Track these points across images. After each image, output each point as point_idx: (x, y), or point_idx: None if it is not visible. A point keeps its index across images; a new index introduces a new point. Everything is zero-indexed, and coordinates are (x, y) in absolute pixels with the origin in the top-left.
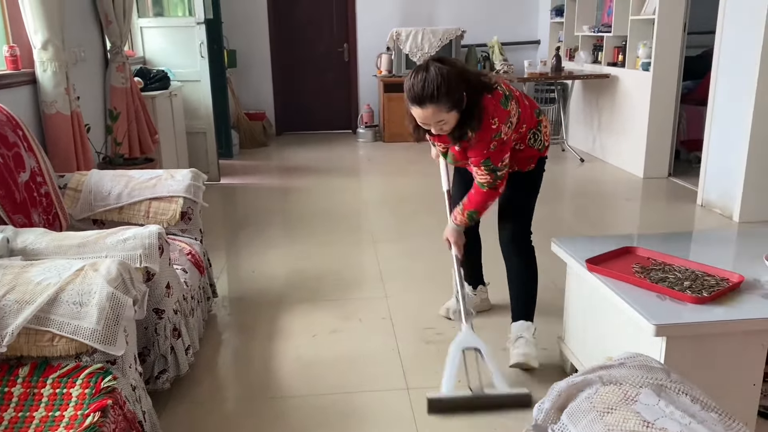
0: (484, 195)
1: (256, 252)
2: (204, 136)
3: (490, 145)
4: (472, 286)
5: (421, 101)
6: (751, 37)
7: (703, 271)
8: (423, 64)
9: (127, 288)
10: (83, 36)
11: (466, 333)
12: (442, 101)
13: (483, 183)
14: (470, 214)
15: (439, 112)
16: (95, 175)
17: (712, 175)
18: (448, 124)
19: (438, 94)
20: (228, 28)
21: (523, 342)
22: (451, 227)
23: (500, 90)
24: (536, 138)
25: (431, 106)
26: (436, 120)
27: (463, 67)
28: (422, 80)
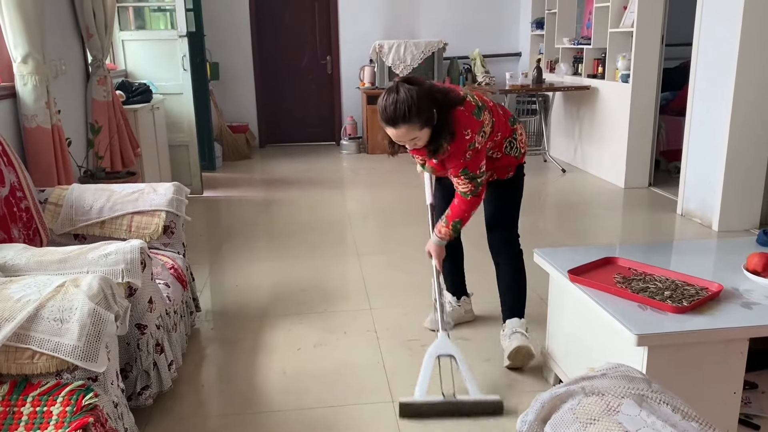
0: (467, 203)
1: (239, 265)
2: (186, 149)
3: (466, 155)
4: (456, 296)
5: (393, 122)
6: (727, 50)
7: (683, 280)
8: (393, 85)
9: (109, 304)
10: (64, 49)
11: (442, 340)
12: (413, 120)
13: (465, 192)
14: (455, 224)
15: (412, 131)
16: (76, 190)
17: (692, 185)
18: (421, 140)
19: (409, 114)
20: (210, 40)
21: (519, 335)
22: (434, 241)
23: (472, 101)
24: (512, 146)
25: (404, 126)
26: (410, 138)
27: (431, 86)
28: (393, 102)
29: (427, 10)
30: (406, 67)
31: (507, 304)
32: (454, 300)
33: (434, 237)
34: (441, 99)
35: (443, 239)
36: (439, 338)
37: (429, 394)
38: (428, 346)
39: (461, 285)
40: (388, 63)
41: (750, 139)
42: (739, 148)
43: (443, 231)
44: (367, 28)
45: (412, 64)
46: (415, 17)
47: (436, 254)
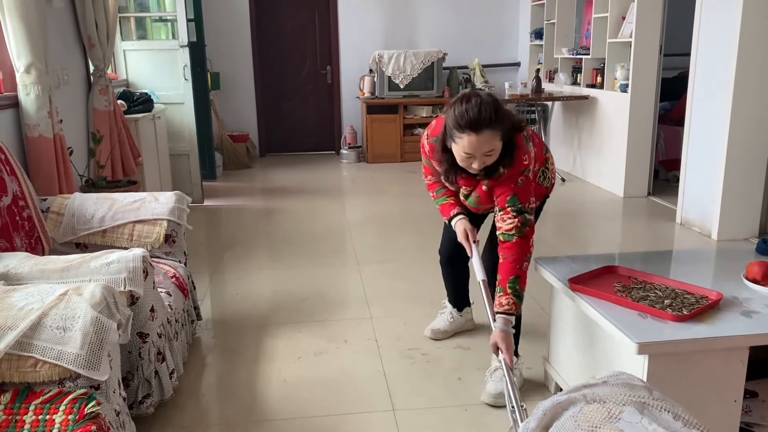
0: (514, 250)
1: (240, 274)
2: (187, 158)
3: (518, 180)
4: (457, 308)
5: (477, 126)
6: (725, 59)
7: (682, 289)
8: (467, 93)
9: (112, 312)
10: (66, 59)
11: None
12: (497, 126)
13: (511, 231)
14: (513, 287)
15: (493, 139)
16: (78, 198)
17: (691, 194)
18: (495, 154)
19: (495, 117)
20: (211, 50)
21: (500, 376)
22: (499, 327)
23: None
24: (545, 176)
25: (487, 132)
26: (488, 149)
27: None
28: (477, 104)
29: (427, 21)
30: (405, 77)
31: None
32: (455, 311)
33: (499, 322)
34: (511, 116)
35: (509, 313)
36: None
37: None
38: (429, 354)
39: (465, 297)
40: (387, 73)
41: (748, 149)
42: (738, 158)
43: (503, 301)
44: (367, 38)
45: (411, 74)
46: (414, 27)
47: (506, 347)
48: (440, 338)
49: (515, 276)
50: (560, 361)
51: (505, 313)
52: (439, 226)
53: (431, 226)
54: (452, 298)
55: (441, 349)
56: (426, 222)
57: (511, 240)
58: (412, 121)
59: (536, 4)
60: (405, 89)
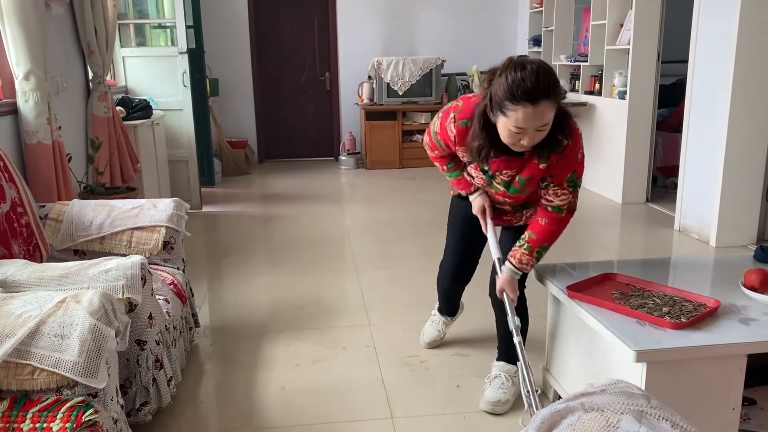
0: (560, 222)
1: (238, 280)
2: (186, 165)
3: (578, 154)
4: (450, 315)
5: (535, 97)
6: (722, 66)
7: (681, 296)
8: (516, 59)
9: (110, 319)
10: (65, 66)
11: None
12: (554, 96)
13: (561, 206)
14: (541, 251)
15: (550, 111)
16: (76, 205)
17: (689, 201)
18: (547, 128)
19: (554, 86)
20: (210, 57)
21: (498, 383)
22: (508, 272)
23: None
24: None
25: (545, 103)
26: (542, 123)
27: None
28: (534, 72)
29: (425, 27)
30: (404, 83)
31: (500, 345)
32: (449, 318)
33: (509, 266)
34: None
35: (521, 270)
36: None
37: None
38: (427, 361)
39: (457, 306)
40: (386, 79)
41: (746, 155)
42: (736, 164)
43: (525, 259)
44: (365, 44)
45: (410, 80)
46: (413, 34)
47: (512, 289)
48: (437, 345)
49: (547, 245)
50: (559, 369)
51: (520, 268)
52: (442, 231)
53: (430, 233)
54: (445, 307)
55: (439, 356)
56: (425, 228)
57: (560, 213)
58: (410, 127)
59: (534, 11)
60: (404, 96)
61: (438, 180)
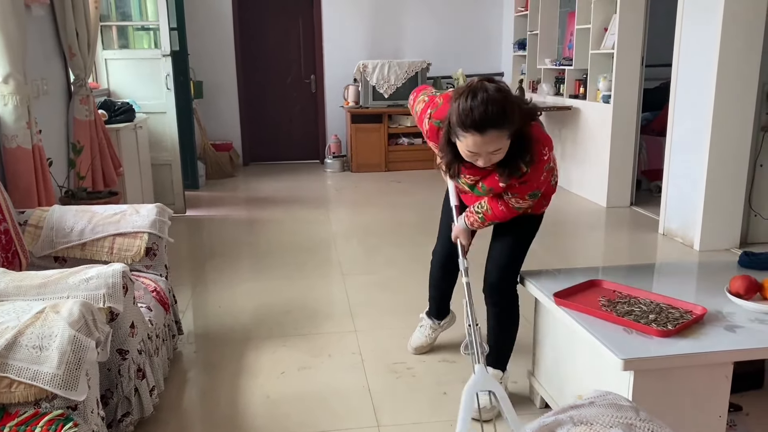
0: (509, 213)
1: (222, 286)
2: (169, 168)
3: (541, 177)
4: (438, 318)
5: (482, 127)
6: (706, 70)
7: (667, 303)
8: (476, 84)
9: (90, 330)
10: (46, 68)
11: (480, 375)
12: (506, 125)
13: (519, 207)
14: (491, 223)
15: (500, 139)
16: (57, 211)
17: (673, 205)
18: (501, 152)
19: (503, 116)
20: (194, 59)
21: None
22: (461, 225)
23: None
24: (552, 173)
25: (493, 132)
26: (494, 149)
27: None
28: (483, 102)
29: (411, 31)
30: (390, 86)
31: (490, 351)
32: (436, 323)
33: (462, 221)
34: (523, 107)
35: (472, 228)
36: (477, 372)
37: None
38: (414, 368)
39: (447, 306)
40: (372, 82)
41: (730, 159)
42: (719, 168)
43: (476, 225)
44: (351, 47)
45: (396, 83)
46: (398, 37)
47: (463, 236)
48: (424, 352)
49: (494, 220)
50: (545, 375)
51: (471, 226)
52: (429, 236)
53: (416, 237)
54: (434, 307)
55: (426, 362)
56: (411, 232)
57: (514, 209)
58: (396, 130)
59: (519, 15)
60: (389, 99)
61: (424, 183)
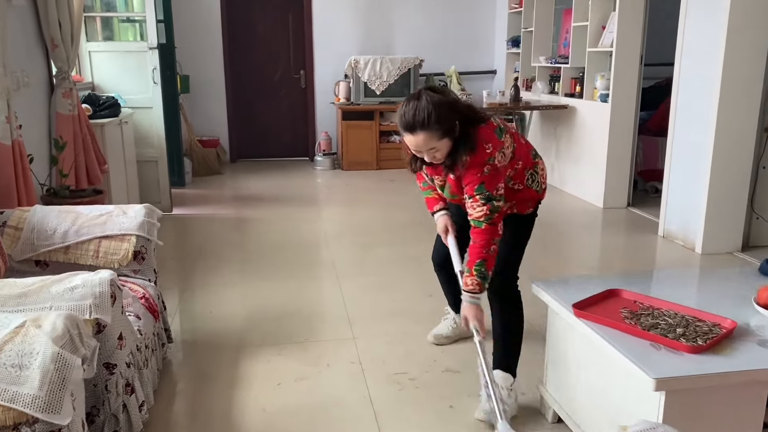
0: (482, 234)
1: (212, 289)
2: (156, 165)
3: (484, 168)
4: (458, 312)
5: (412, 128)
6: (710, 69)
7: (693, 315)
8: (415, 93)
9: (75, 346)
10: (27, 60)
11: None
12: (432, 128)
13: (479, 218)
14: (477, 268)
15: (430, 140)
16: (39, 212)
17: (673, 207)
18: (440, 151)
19: (429, 121)
20: (181, 53)
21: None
22: (467, 302)
23: (494, 123)
24: (533, 179)
25: (422, 133)
26: (428, 147)
27: (455, 99)
28: (413, 108)
29: (404, 27)
30: (382, 83)
31: (495, 353)
32: (457, 317)
33: (465, 299)
34: (465, 112)
35: (474, 293)
36: (501, 430)
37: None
38: (417, 379)
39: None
40: (364, 78)
41: (733, 161)
42: (723, 169)
43: (469, 281)
44: (342, 42)
45: (388, 80)
46: (391, 33)
47: (473, 316)
48: (443, 344)
49: (482, 259)
50: (559, 388)
51: (470, 292)
52: (423, 235)
53: (413, 237)
54: (451, 303)
55: (429, 372)
56: (407, 232)
57: (480, 226)
58: (388, 128)
59: (513, 11)
60: (381, 96)
61: (416, 182)
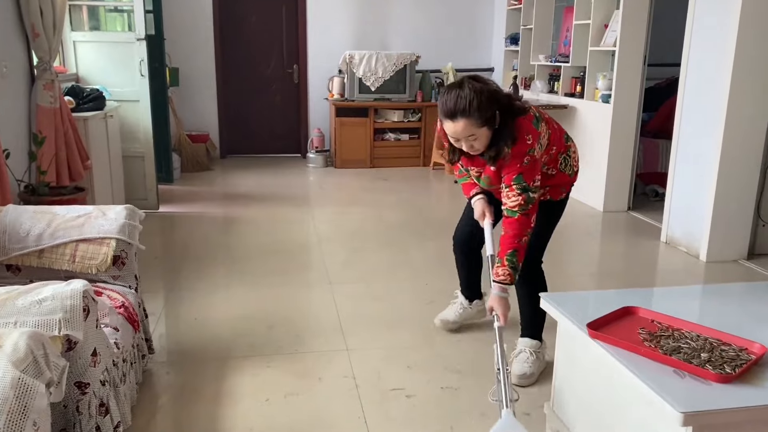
0: (515, 224)
1: (198, 294)
2: (142, 161)
3: (524, 159)
4: (469, 300)
5: (453, 115)
6: (719, 68)
7: (717, 338)
8: (458, 81)
9: (40, 369)
10: (5, 49)
11: (507, 419)
12: (473, 116)
13: (514, 208)
14: (509, 258)
15: (470, 127)
16: (12, 212)
17: (677, 212)
18: (479, 140)
19: (470, 108)
20: (171, 44)
21: (524, 358)
22: (495, 293)
23: (532, 112)
24: (566, 163)
25: (462, 120)
26: (467, 134)
27: (497, 88)
28: (455, 96)
29: (399, 22)
30: (377, 78)
31: (522, 322)
32: (467, 302)
33: (495, 289)
34: (506, 102)
35: (504, 283)
36: (504, 417)
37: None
38: (415, 396)
39: (475, 290)
40: (358, 74)
41: (741, 166)
42: (730, 174)
43: (500, 272)
44: (336, 37)
45: (383, 76)
46: (386, 28)
47: (501, 311)
48: (450, 328)
49: (514, 249)
50: (569, 411)
51: (501, 282)
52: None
53: (407, 240)
54: (463, 286)
55: (427, 388)
56: (401, 234)
57: (514, 216)
58: (383, 125)
59: (512, 8)
60: (376, 92)
61: (411, 181)
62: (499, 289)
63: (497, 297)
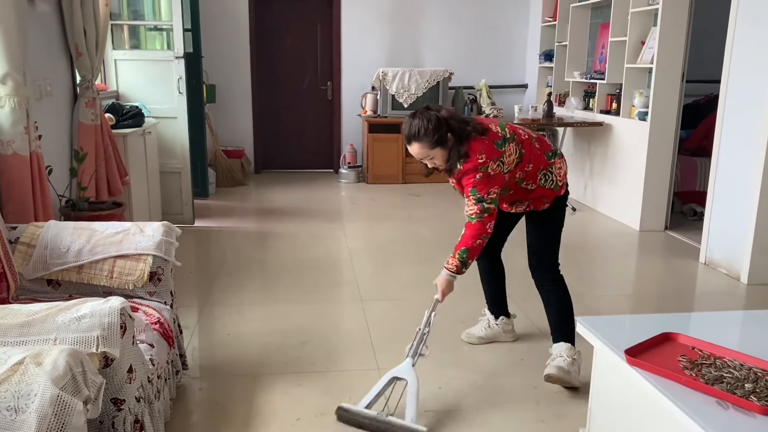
0: (471, 229)
1: (231, 309)
2: (179, 176)
3: (476, 175)
4: (495, 315)
5: (408, 140)
6: (761, 86)
7: (761, 368)
8: (414, 111)
9: (78, 387)
10: (50, 68)
11: (404, 365)
12: (423, 140)
13: (471, 215)
14: (461, 254)
15: (424, 148)
16: (53, 228)
17: (717, 232)
18: (436, 159)
19: (419, 134)
20: (208, 62)
21: (561, 360)
22: (443, 274)
23: (500, 134)
24: (547, 178)
25: (416, 143)
26: (424, 155)
27: (449, 114)
28: (409, 124)
29: (433, 39)
30: (410, 95)
31: (552, 329)
32: (492, 318)
33: (444, 271)
34: (457, 127)
35: (451, 271)
36: (404, 363)
37: (372, 408)
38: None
39: (502, 305)
40: (391, 91)
41: None
42: None
43: (450, 261)
44: (370, 54)
45: (416, 92)
46: (420, 45)
47: (441, 287)
48: (475, 343)
49: (467, 248)
50: None
51: (449, 270)
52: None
53: (438, 256)
54: (489, 302)
55: (458, 411)
56: (432, 250)
57: (472, 221)
58: None
59: (546, 24)
60: (409, 108)
61: (442, 196)
62: (446, 273)
63: (444, 277)
